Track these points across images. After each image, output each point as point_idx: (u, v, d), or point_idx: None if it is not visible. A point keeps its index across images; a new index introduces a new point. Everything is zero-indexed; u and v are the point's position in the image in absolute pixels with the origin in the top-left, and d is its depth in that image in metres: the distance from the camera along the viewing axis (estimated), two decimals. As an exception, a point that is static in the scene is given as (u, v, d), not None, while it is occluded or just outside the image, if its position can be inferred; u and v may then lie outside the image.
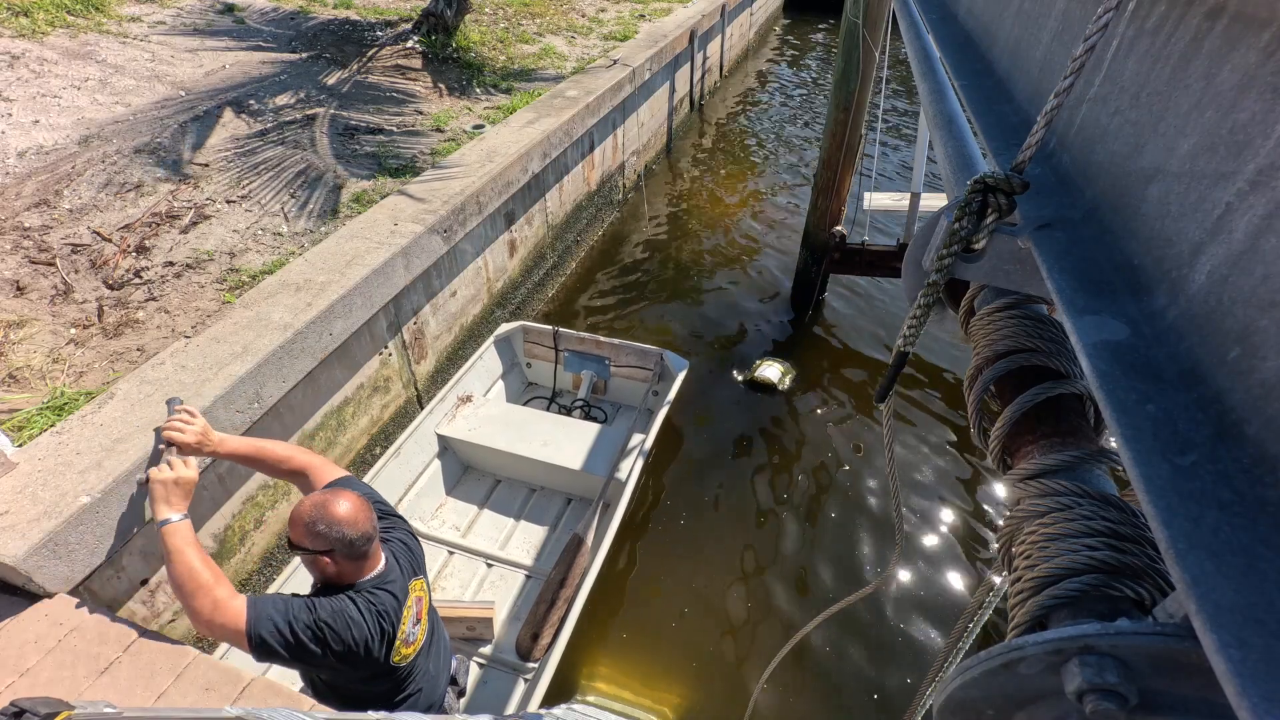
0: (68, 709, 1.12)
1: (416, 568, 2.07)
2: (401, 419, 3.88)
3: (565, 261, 6.10)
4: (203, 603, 1.67)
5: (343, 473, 2.14)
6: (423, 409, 3.83)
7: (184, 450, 2.05)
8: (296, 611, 1.69)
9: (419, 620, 2.02)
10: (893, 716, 3.06)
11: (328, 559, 1.78)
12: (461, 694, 2.49)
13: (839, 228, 5.26)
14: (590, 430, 3.81)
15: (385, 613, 1.83)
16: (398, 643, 1.90)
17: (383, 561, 1.92)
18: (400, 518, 2.17)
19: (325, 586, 1.86)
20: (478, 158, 4.50)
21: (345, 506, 1.78)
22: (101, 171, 3.73)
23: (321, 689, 1.93)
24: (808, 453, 4.46)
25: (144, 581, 2.44)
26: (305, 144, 4.49)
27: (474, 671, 2.99)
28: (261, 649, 1.66)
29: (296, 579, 2.94)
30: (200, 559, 1.77)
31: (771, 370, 4.95)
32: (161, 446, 2.07)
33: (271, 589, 2.92)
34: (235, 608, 1.65)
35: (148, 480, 1.90)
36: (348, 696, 1.90)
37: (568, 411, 4.36)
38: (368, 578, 1.86)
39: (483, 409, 3.96)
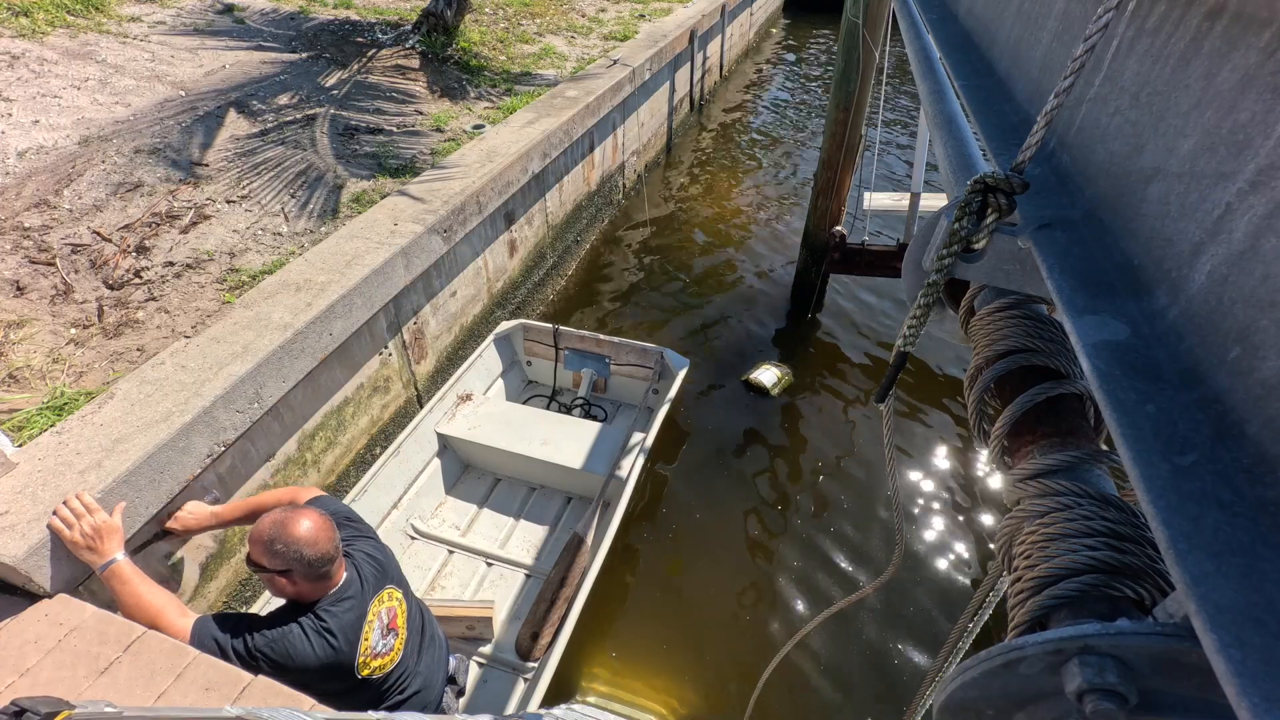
0: (68, 709, 1.12)
1: (386, 578, 2.05)
2: (401, 419, 3.88)
3: (565, 261, 6.10)
4: (152, 628, 1.84)
5: (316, 492, 2.17)
6: (422, 409, 3.83)
7: (188, 531, 2.34)
8: (234, 640, 1.78)
9: (391, 630, 2.00)
10: (893, 716, 3.06)
11: (285, 579, 1.78)
12: (461, 693, 2.48)
13: (839, 228, 5.25)
14: (590, 429, 3.80)
15: (340, 630, 1.84)
16: (364, 657, 1.89)
17: (343, 577, 1.91)
18: (371, 531, 2.16)
19: (288, 605, 1.88)
20: (478, 158, 4.50)
21: (305, 526, 1.77)
22: (101, 171, 3.73)
23: None
24: (808, 453, 4.46)
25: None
26: (305, 144, 4.49)
27: (473, 671, 2.98)
28: None
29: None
30: (145, 589, 1.88)
31: (768, 375, 4.94)
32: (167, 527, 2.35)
33: (266, 594, 2.91)
34: (180, 630, 1.81)
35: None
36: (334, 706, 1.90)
37: (568, 410, 4.36)
38: (327, 596, 1.87)
39: (482, 407, 3.96)
